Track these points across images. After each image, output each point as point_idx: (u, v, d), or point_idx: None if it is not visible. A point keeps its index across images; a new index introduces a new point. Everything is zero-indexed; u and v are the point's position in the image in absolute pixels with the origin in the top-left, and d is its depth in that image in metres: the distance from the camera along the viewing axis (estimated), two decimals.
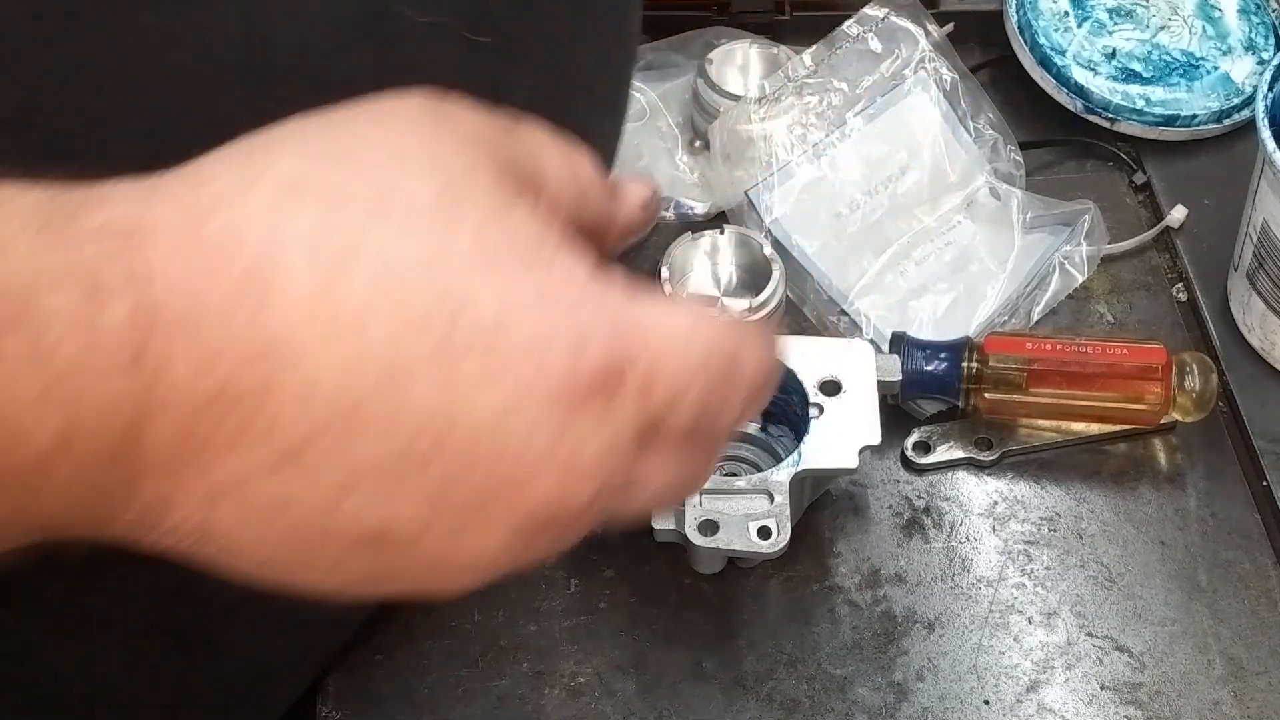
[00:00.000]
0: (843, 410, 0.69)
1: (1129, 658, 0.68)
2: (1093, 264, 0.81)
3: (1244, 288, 0.78)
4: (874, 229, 0.82)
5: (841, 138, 0.84)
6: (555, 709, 0.67)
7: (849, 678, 0.68)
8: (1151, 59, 0.88)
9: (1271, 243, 0.74)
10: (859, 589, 0.71)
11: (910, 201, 0.83)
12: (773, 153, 0.83)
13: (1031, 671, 0.68)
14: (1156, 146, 0.88)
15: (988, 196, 0.84)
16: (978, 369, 0.73)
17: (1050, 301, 0.80)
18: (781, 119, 0.84)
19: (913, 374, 0.73)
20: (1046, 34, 0.88)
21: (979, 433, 0.75)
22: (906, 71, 0.85)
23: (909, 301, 0.80)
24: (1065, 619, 0.70)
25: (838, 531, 0.73)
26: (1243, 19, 0.90)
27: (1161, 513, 0.73)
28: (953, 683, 0.68)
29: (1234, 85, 0.87)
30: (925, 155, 0.84)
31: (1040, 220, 0.83)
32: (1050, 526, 0.73)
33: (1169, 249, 0.84)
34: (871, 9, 0.86)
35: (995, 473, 0.75)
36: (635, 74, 0.90)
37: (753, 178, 0.83)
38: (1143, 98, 0.87)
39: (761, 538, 0.64)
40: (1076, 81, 0.87)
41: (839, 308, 0.80)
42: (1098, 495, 0.74)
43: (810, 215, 0.83)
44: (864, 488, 0.74)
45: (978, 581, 0.71)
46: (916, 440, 0.75)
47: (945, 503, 0.74)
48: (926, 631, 0.69)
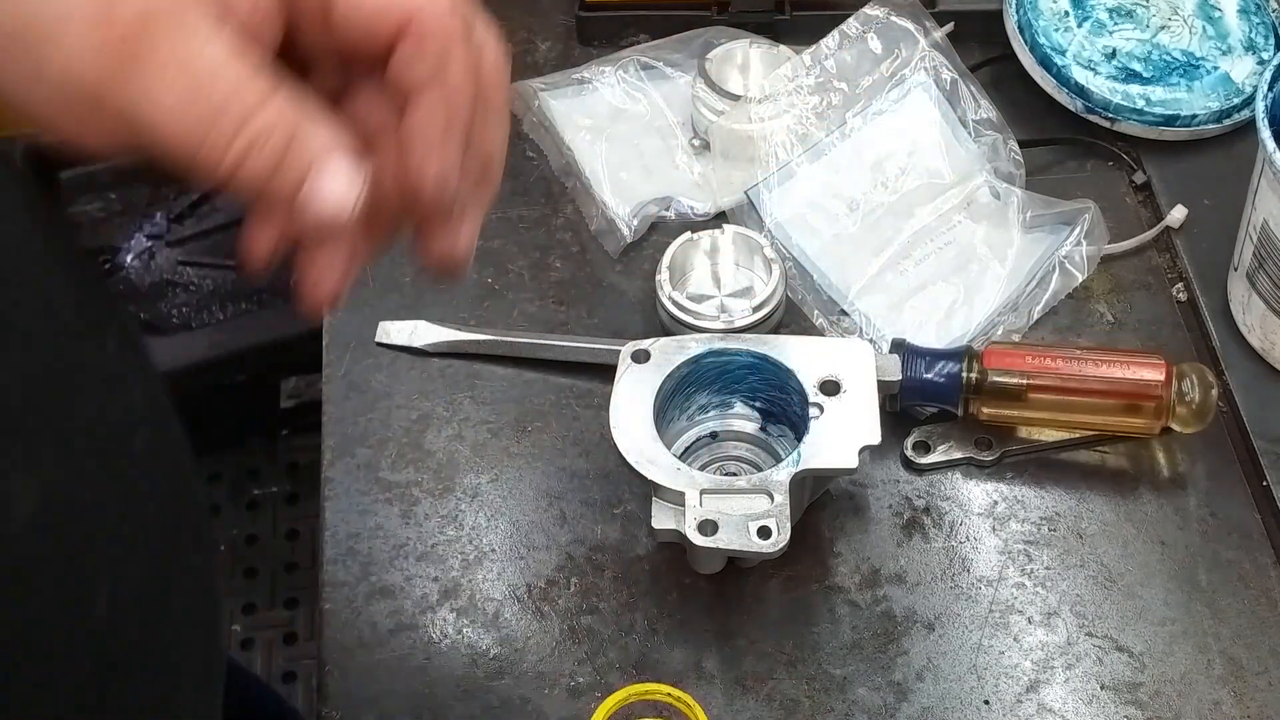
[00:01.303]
0: (843, 410, 0.69)
1: (1129, 658, 0.68)
2: (1093, 264, 0.81)
3: (1244, 288, 0.78)
4: (874, 229, 0.82)
5: (841, 138, 0.84)
6: (555, 709, 0.67)
7: (849, 678, 0.68)
8: (1151, 59, 0.88)
9: (1271, 243, 0.74)
10: (859, 589, 0.71)
11: (910, 201, 0.83)
12: (773, 153, 0.84)
13: (1031, 671, 0.68)
14: (1156, 146, 0.88)
15: (987, 196, 0.84)
16: (977, 380, 0.73)
17: (1050, 301, 0.80)
18: (781, 119, 0.84)
19: (912, 381, 0.73)
20: (1046, 34, 0.88)
21: (979, 433, 0.75)
22: (906, 71, 0.85)
23: (909, 301, 0.80)
24: (1065, 619, 0.70)
25: (838, 531, 0.73)
26: (1243, 19, 0.90)
27: (1161, 513, 0.73)
28: (953, 683, 0.68)
29: (1234, 85, 0.87)
30: (925, 155, 0.84)
31: (1040, 220, 0.83)
32: (1050, 526, 0.73)
33: (1169, 249, 0.84)
34: (871, 9, 0.86)
35: (995, 473, 0.75)
36: (635, 74, 0.90)
37: (753, 178, 0.83)
38: (1143, 98, 0.87)
39: (761, 537, 0.64)
40: (1076, 81, 0.87)
41: (839, 308, 0.80)
42: (1098, 495, 0.74)
43: (810, 215, 0.83)
44: (864, 488, 0.74)
45: (978, 581, 0.71)
46: (916, 440, 0.75)
47: (945, 503, 0.74)
48: (926, 631, 0.69)
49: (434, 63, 0.45)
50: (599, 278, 0.83)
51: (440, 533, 0.73)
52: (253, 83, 0.42)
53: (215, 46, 0.42)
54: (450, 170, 0.46)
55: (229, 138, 0.42)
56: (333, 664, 0.68)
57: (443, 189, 0.46)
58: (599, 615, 0.70)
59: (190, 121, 0.42)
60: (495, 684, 0.68)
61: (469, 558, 0.72)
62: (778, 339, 0.73)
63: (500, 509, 0.74)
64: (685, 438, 0.73)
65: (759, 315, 0.77)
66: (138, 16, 0.41)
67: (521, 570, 0.71)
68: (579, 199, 0.86)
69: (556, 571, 0.71)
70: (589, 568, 0.71)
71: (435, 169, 0.46)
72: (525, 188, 0.87)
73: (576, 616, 0.70)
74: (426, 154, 0.45)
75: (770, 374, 0.71)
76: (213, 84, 0.42)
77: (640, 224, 0.84)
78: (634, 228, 0.84)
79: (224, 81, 0.42)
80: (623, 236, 0.83)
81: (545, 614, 0.70)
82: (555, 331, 0.80)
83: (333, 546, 0.72)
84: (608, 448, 0.69)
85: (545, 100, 0.89)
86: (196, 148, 0.42)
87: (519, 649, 0.69)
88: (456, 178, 0.46)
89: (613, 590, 0.71)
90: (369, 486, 0.74)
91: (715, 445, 0.73)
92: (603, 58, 0.91)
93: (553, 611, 0.70)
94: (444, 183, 0.46)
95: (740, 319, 0.77)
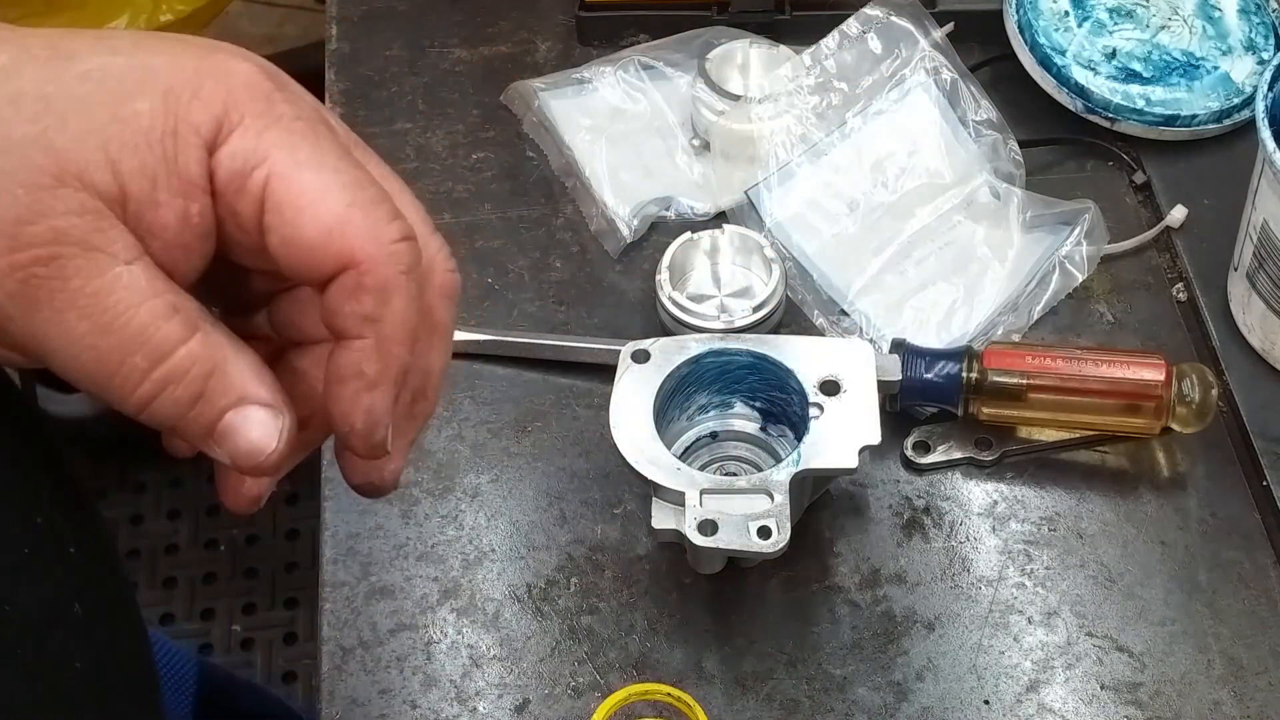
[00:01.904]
0: (843, 410, 0.69)
1: (1129, 658, 0.68)
2: (1093, 263, 0.81)
3: (1244, 288, 0.78)
4: (874, 229, 0.82)
5: (841, 138, 0.84)
6: (555, 709, 0.67)
7: (849, 678, 0.68)
8: (1151, 59, 0.88)
9: (1271, 243, 0.74)
10: (859, 589, 0.71)
11: (910, 201, 0.83)
12: (773, 153, 0.84)
13: (1031, 671, 0.68)
14: (1156, 146, 0.88)
15: (987, 196, 0.84)
16: (977, 380, 0.73)
17: (1050, 301, 0.80)
18: (781, 119, 0.84)
19: (912, 381, 0.73)
20: (1046, 34, 0.88)
21: (979, 433, 0.75)
22: (906, 71, 0.85)
23: (909, 301, 0.80)
24: (1065, 619, 0.70)
25: (838, 531, 0.73)
26: (1243, 19, 0.90)
27: (1161, 513, 0.73)
28: (953, 683, 0.68)
29: (1234, 85, 0.87)
30: (925, 155, 0.84)
31: (1040, 220, 0.83)
32: (1050, 526, 0.73)
33: (1169, 249, 0.84)
34: (871, 9, 0.86)
35: (995, 473, 0.75)
36: (635, 74, 0.90)
37: (753, 178, 0.83)
38: (1143, 98, 0.87)
39: (761, 537, 0.64)
40: (1076, 81, 0.87)
41: (839, 308, 0.80)
42: (1098, 495, 0.74)
43: (810, 215, 0.83)
44: (864, 488, 0.74)
45: (978, 581, 0.71)
46: (916, 440, 0.75)
47: (945, 503, 0.74)
48: (926, 631, 0.69)
49: (372, 307, 0.42)
50: (599, 278, 0.83)
51: (440, 533, 0.73)
52: (170, 319, 0.40)
53: (131, 277, 0.39)
54: (379, 416, 0.43)
55: (140, 375, 0.40)
56: (333, 664, 0.68)
57: (370, 435, 0.43)
58: (599, 615, 0.70)
59: (99, 357, 0.39)
60: (495, 684, 0.68)
61: (469, 558, 0.72)
62: (778, 339, 0.73)
63: (500, 509, 0.74)
64: (685, 438, 0.73)
65: (759, 315, 0.77)
66: (46, 243, 0.38)
67: (521, 570, 0.71)
68: (579, 199, 0.86)
69: (556, 571, 0.71)
70: (589, 568, 0.71)
71: (363, 415, 0.43)
72: (525, 188, 0.87)
73: (576, 616, 0.70)
74: (355, 399, 0.42)
75: (770, 374, 0.71)
76: (128, 318, 0.39)
77: (640, 224, 0.84)
78: (634, 228, 0.84)
79: (140, 315, 0.39)
80: (623, 236, 0.83)
81: (545, 614, 0.70)
82: (555, 331, 0.80)
83: (333, 546, 0.72)
84: (608, 448, 0.69)
85: (545, 100, 0.89)
86: (107, 381, 0.40)
87: (519, 649, 0.69)
88: (386, 424, 0.43)
89: (613, 590, 0.71)
90: None
91: (715, 445, 0.73)
92: (603, 58, 0.91)
93: (553, 611, 0.70)
94: (371, 428, 0.43)
95: (740, 319, 0.77)
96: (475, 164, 0.88)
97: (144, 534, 1.64)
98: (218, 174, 0.41)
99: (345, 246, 0.41)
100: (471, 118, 0.91)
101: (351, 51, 0.95)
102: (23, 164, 0.39)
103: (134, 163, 0.40)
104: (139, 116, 0.40)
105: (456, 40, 0.95)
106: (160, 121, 0.40)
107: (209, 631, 1.58)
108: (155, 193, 0.40)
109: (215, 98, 0.41)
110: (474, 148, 0.89)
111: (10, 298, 0.39)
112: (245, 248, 0.43)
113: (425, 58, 0.94)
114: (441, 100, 0.92)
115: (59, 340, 0.39)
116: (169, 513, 1.66)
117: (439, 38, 0.96)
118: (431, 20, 0.97)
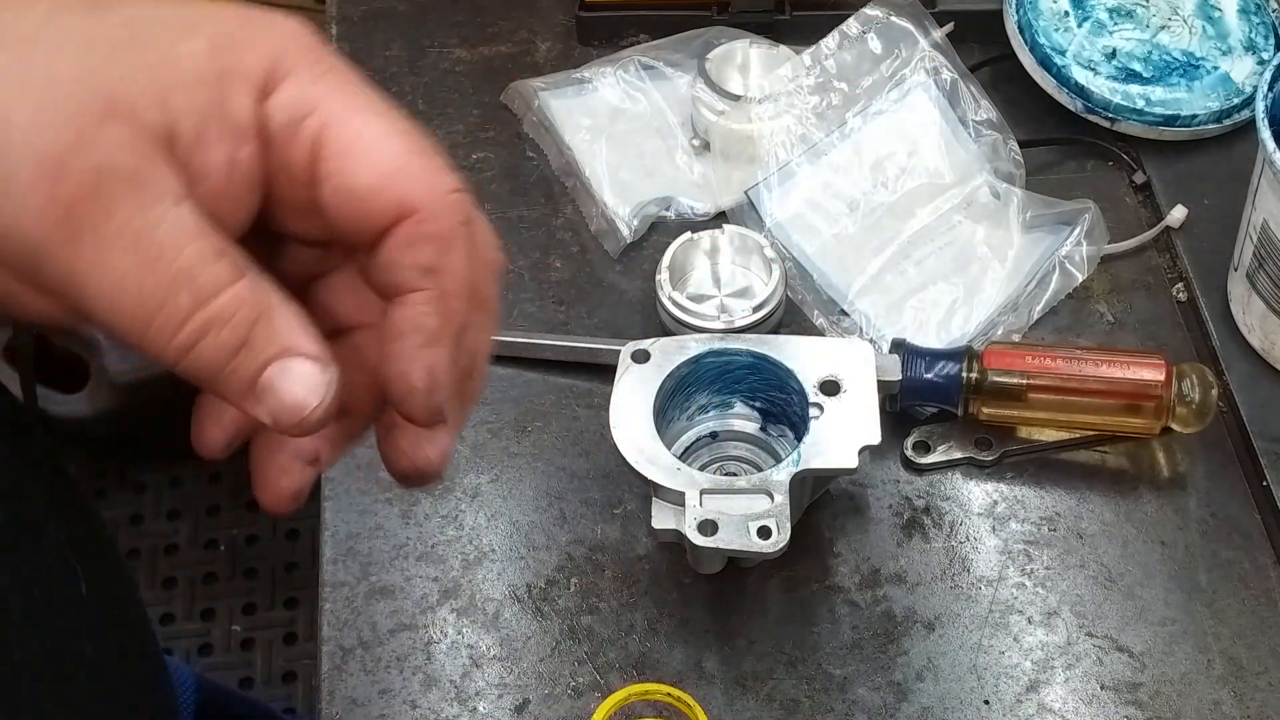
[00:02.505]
0: (843, 410, 0.69)
1: (1129, 658, 0.68)
2: (1093, 264, 0.81)
3: (1244, 288, 0.78)
4: (874, 229, 0.83)
5: (841, 138, 0.84)
6: (555, 709, 0.67)
7: (849, 678, 0.68)
8: (1151, 59, 0.88)
9: (1271, 243, 0.74)
10: (859, 589, 0.71)
11: (910, 201, 0.83)
12: (773, 153, 0.84)
13: (1031, 671, 0.68)
14: (1156, 146, 0.88)
15: (987, 196, 0.84)
16: (977, 380, 0.73)
17: (1050, 301, 0.80)
18: (781, 119, 0.84)
19: (912, 381, 0.73)
20: (1046, 34, 0.88)
21: (979, 433, 0.75)
22: (906, 71, 0.85)
23: (909, 301, 0.80)
24: (1065, 619, 0.70)
25: (838, 531, 0.73)
26: (1243, 19, 0.90)
27: (1161, 513, 0.73)
28: (953, 683, 0.68)
29: (1234, 85, 0.87)
30: (925, 155, 0.84)
31: (1040, 220, 0.83)
32: (1050, 526, 0.73)
33: (1169, 249, 0.84)
34: (871, 9, 0.86)
35: (995, 473, 0.75)
36: (635, 74, 0.90)
37: (753, 178, 0.83)
38: (1143, 98, 0.87)
39: (761, 537, 0.64)
40: (1076, 81, 0.87)
41: (839, 308, 0.80)
42: (1098, 495, 0.74)
43: (810, 215, 0.83)
44: (864, 488, 0.74)
45: (978, 581, 0.71)
46: (916, 440, 0.75)
47: (945, 503, 0.74)
48: (926, 631, 0.69)
49: (433, 257, 0.40)
50: (599, 278, 0.83)
51: (440, 533, 0.73)
52: (218, 260, 0.38)
53: (178, 214, 0.38)
54: (441, 375, 0.41)
55: (183, 316, 0.38)
56: (333, 664, 0.68)
57: (431, 395, 0.41)
58: (599, 615, 0.70)
59: (142, 295, 0.37)
60: (495, 684, 0.68)
61: (469, 558, 0.72)
62: (778, 339, 0.73)
63: (500, 509, 0.74)
64: (685, 438, 0.73)
65: (759, 315, 0.77)
66: (92, 174, 0.37)
67: (521, 570, 0.71)
68: (579, 199, 0.86)
69: (556, 571, 0.71)
70: (589, 568, 0.71)
71: (424, 373, 0.41)
72: (525, 188, 0.87)
73: (576, 616, 0.70)
74: (415, 355, 0.41)
75: (770, 374, 0.71)
76: (173, 255, 0.37)
77: (640, 224, 0.84)
78: (634, 228, 0.84)
79: (186, 254, 0.37)
80: (623, 236, 0.83)
81: (545, 614, 0.70)
82: (555, 331, 0.80)
83: (333, 546, 0.72)
84: (608, 448, 0.69)
85: (545, 100, 0.89)
86: (146, 324, 0.38)
87: (519, 649, 0.69)
88: (446, 386, 0.42)
89: (613, 590, 0.71)
90: (369, 486, 0.74)
91: (715, 445, 0.73)
92: (603, 58, 0.91)
93: (553, 611, 0.70)
94: (433, 388, 0.41)
95: (740, 319, 0.77)
96: (475, 164, 0.88)
97: (144, 534, 1.64)
98: (270, 123, 0.40)
99: (404, 192, 0.40)
100: (471, 118, 0.91)
101: (351, 51, 0.95)
102: (70, 97, 0.37)
103: (184, 101, 0.38)
104: (191, 57, 0.39)
105: (456, 40, 0.95)
106: (211, 63, 0.39)
107: (209, 632, 1.58)
108: (205, 134, 0.39)
109: (265, 47, 0.40)
110: (474, 148, 0.89)
111: (54, 229, 0.37)
112: (293, 206, 0.42)
113: (425, 58, 0.94)
114: (441, 100, 0.92)
115: (100, 277, 0.37)
116: (169, 513, 1.66)
117: (439, 38, 0.96)
118: (431, 20, 0.97)
